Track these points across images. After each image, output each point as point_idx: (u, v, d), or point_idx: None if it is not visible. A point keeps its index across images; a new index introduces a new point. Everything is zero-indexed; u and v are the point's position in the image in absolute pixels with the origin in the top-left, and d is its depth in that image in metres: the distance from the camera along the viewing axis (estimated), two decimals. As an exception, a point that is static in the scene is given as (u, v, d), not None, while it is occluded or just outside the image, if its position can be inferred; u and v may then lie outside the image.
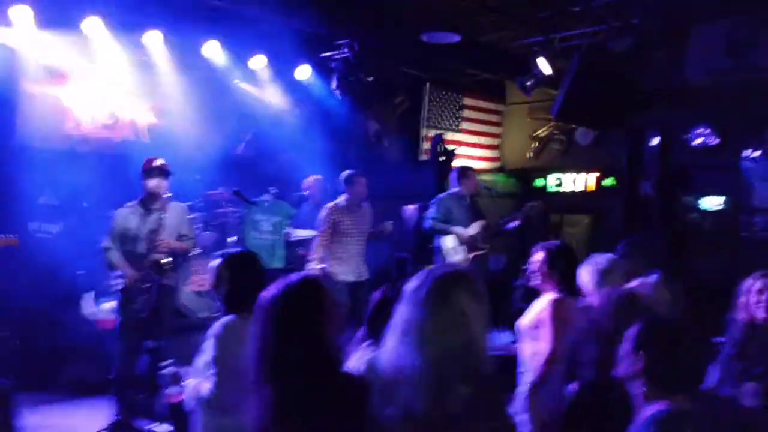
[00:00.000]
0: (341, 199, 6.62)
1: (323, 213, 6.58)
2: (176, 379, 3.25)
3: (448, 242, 6.94)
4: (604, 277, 3.56)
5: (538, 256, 3.76)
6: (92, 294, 6.62)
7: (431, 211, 7.03)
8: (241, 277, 3.11)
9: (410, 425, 1.99)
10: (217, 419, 2.92)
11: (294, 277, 2.29)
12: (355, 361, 2.73)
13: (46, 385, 5.84)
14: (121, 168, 6.97)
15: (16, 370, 5.27)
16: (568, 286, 3.67)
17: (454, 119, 9.47)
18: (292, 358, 2.14)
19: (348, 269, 6.49)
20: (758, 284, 3.87)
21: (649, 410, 2.17)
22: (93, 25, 6.39)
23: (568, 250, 3.89)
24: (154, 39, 6.87)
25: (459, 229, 6.90)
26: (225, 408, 2.84)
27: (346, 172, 6.67)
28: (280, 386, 2.14)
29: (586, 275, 3.61)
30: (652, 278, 4.12)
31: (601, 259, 3.68)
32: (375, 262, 7.00)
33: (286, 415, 2.11)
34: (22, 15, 6.02)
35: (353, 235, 6.56)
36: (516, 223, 7.22)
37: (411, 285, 2.13)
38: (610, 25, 6.60)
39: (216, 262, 3.19)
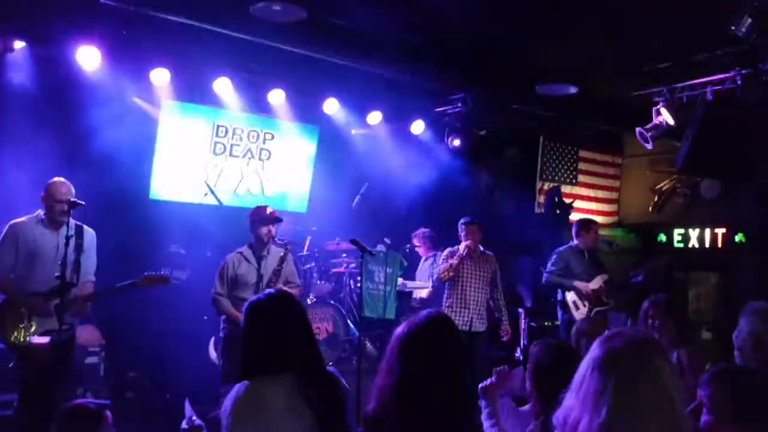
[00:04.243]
0: (462, 245, 6.62)
1: (444, 257, 6.61)
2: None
3: (569, 296, 6.76)
4: None
5: None
6: (214, 339, 6.89)
7: (550, 265, 6.87)
8: None
9: None
10: None
11: (424, 312, 2.29)
12: None
13: (170, 426, 6.05)
14: (242, 220, 7.30)
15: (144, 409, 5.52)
16: None
17: (570, 172, 9.31)
18: (419, 394, 2.12)
19: (465, 320, 6.38)
20: None
21: None
22: (222, 85, 6.84)
23: None
24: (277, 97, 7.26)
25: (580, 284, 6.69)
26: None
27: (463, 219, 6.67)
28: (408, 418, 2.12)
29: None
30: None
31: None
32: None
33: None
34: (161, 78, 6.55)
35: (470, 282, 6.49)
36: (639, 278, 6.94)
37: (599, 349, 1.78)
38: (738, 73, 6.32)
39: None
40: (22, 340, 4.62)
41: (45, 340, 4.55)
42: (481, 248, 6.60)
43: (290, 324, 2.65)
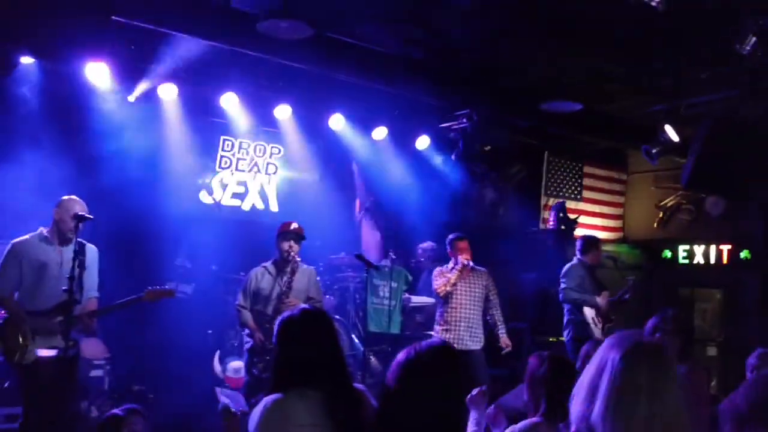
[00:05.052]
0: (450, 264, 6.58)
1: (434, 274, 6.56)
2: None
3: (588, 313, 6.72)
4: None
5: None
6: (218, 353, 6.91)
7: (566, 281, 6.81)
8: None
9: None
10: None
11: (427, 341, 2.34)
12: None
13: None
14: (248, 234, 7.34)
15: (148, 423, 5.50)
16: None
17: (575, 188, 9.32)
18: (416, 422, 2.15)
19: (455, 337, 6.31)
20: None
21: None
22: (229, 100, 6.90)
23: None
24: (283, 112, 7.30)
25: (601, 300, 6.69)
26: None
27: (450, 236, 6.64)
28: None
29: None
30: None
31: None
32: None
33: None
34: (169, 94, 6.61)
35: (463, 300, 6.42)
36: (627, 296, 6.97)
37: (615, 350, 1.87)
38: (741, 90, 6.35)
39: None
40: (26, 359, 4.56)
41: (52, 353, 4.57)
42: (472, 264, 6.49)
43: (320, 339, 2.67)
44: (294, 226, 5.66)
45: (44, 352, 4.54)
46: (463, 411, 2.32)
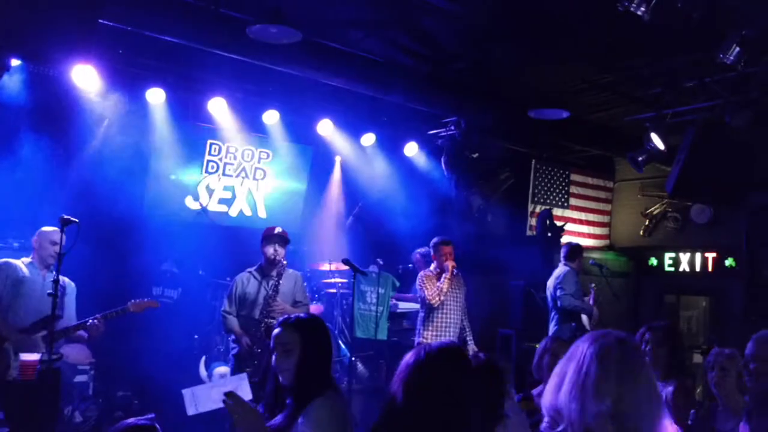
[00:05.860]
0: (432, 267, 6.56)
1: (420, 281, 6.50)
2: None
3: (586, 321, 6.76)
4: None
5: None
6: (204, 358, 6.87)
7: (566, 288, 6.82)
8: None
9: None
10: None
11: (437, 342, 2.33)
12: None
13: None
14: (235, 240, 7.31)
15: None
16: None
17: (562, 195, 9.37)
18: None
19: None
20: None
21: None
22: (217, 105, 6.88)
23: None
24: (271, 117, 7.29)
25: (594, 309, 6.75)
26: None
27: (433, 240, 6.62)
28: None
29: None
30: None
31: None
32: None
33: None
34: (156, 97, 6.58)
35: (452, 305, 6.39)
36: (592, 300, 7.07)
37: (594, 345, 1.92)
38: (727, 100, 6.42)
39: None
40: (9, 374, 4.52)
41: (35, 357, 4.54)
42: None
43: (330, 342, 2.95)
44: (278, 230, 5.65)
45: (28, 356, 4.51)
46: (474, 414, 2.20)
